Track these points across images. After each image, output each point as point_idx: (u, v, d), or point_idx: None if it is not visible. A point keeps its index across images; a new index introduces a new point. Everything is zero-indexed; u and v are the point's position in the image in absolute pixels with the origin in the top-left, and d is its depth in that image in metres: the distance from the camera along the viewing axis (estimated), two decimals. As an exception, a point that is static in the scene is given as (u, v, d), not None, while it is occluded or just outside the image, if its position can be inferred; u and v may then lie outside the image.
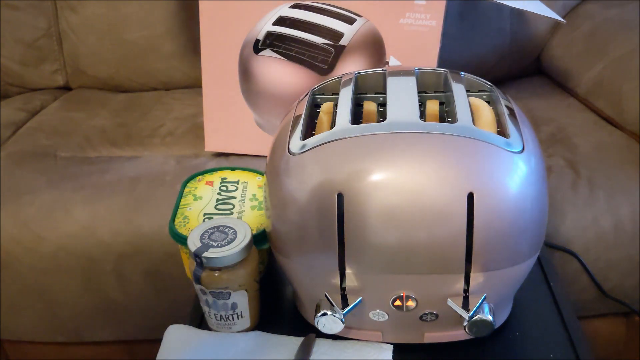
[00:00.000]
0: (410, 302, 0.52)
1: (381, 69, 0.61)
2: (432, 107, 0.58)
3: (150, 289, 0.88)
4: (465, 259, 0.48)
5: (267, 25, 0.88)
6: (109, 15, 1.19)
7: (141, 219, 0.85)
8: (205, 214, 0.64)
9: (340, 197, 0.48)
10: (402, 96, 0.54)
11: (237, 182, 0.69)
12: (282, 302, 0.64)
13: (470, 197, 0.46)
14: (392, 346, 0.56)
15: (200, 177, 0.70)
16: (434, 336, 0.56)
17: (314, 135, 0.52)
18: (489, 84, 0.60)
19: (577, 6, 1.21)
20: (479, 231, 0.47)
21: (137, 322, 0.91)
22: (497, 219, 0.47)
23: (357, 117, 0.56)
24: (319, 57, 0.88)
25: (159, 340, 0.59)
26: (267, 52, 0.89)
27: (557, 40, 1.18)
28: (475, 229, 0.47)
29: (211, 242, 0.54)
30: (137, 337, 0.94)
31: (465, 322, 0.51)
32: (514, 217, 0.48)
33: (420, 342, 0.56)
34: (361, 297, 0.52)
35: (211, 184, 0.69)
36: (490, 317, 0.50)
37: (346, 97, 0.56)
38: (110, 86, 1.26)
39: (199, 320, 0.62)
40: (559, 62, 1.16)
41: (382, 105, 0.60)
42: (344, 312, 0.52)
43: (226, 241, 0.54)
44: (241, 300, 0.56)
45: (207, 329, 0.60)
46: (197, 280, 0.55)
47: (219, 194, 0.67)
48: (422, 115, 0.57)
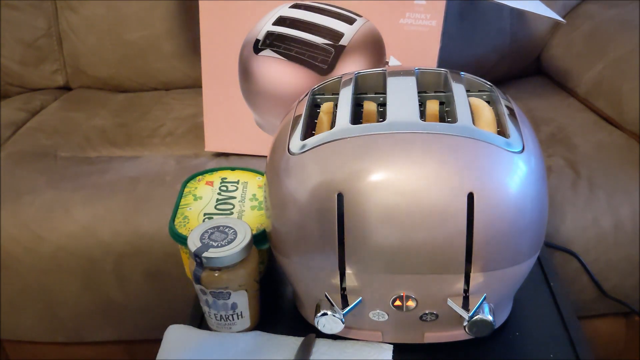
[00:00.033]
0: (410, 302, 0.52)
1: (381, 69, 0.61)
2: (432, 107, 0.58)
3: (150, 289, 0.88)
4: (465, 259, 0.48)
5: (267, 25, 0.88)
6: (109, 15, 1.19)
7: (141, 219, 0.85)
8: (205, 214, 0.64)
9: (340, 197, 0.48)
10: (402, 96, 0.54)
11: (237, 182, 0.69)
12: (282, 302, 0.64)
13: (470, 197, 0.46)
14: (392, 346, 0.56)
15: (200, 177, 0.70)
16: (434, 336, 0.56)
17: (314, 135, 0.52)
18: (489, 84, 0.60)
19: (577, 6, 1.21)
20: (479, 231, 0.47)
21: (137, 322, 0.91)
22: (497, 219, 0.47)
23: (357, 117, 0.56)
24: (319, 57, 0.88)
25: (159, 340, 0.59)
26: (267, 52, 0.89)
27: (557, 40, 1.18)
28: (475, 229, 0.47)
29: (211, 242, 0.54)
30: (137, 337, 0.94)
31: (465, 322, 0.51)
32: (514, 217, 0.48)
33: (420, 342, 0.56)
34: (361, 297, 0.52)
35: (211, 184, 0.69)
36: (490, 317, 0.50)
37: (346, 97, 0.56)
38: (110, 86, 1.26)
39: (199, 320, 0.62)
40: (559, 62, 1.16)
41: (382, 105, 0.60)
42: (344, 312, 0.52)
43: (226, 241, 0.54)
44: (241, 300, 0.56)
45: (207, 329, 0.60)
46: (197, 280, 0.55)
47: (219, 194, 0.67)
48: (422, 115, 0.57)
